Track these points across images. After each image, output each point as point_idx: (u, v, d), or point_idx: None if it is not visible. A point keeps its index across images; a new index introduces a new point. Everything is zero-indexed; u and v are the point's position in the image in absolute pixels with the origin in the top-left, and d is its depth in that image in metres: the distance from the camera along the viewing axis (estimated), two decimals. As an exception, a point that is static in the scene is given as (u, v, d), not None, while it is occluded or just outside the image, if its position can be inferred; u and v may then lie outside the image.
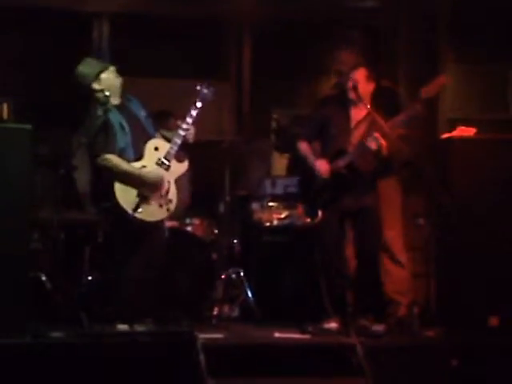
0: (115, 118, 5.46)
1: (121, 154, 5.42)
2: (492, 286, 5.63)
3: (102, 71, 5.51)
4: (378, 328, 5.80)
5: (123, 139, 5.44)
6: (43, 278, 6.11)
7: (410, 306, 6.12)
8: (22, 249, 5.24)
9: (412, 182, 6.47)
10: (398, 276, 6.22)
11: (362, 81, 5.87)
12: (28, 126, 5.29)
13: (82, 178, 6.61)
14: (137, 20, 7.75)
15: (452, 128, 6.11)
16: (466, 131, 5.94)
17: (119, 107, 5.53)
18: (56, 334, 5.27)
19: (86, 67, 5.53)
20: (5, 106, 7.59)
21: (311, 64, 8.35)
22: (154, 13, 7.79)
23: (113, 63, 5.58)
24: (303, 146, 6.06)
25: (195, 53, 8.00)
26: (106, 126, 5.37)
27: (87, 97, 5.49)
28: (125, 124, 5.48)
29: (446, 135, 6.05)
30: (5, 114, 7.50)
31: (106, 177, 5.38)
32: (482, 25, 7.30)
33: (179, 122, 5.53)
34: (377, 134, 5.72)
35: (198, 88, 5.59)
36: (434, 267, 6.01)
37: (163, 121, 6.42)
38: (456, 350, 5.53)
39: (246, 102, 8.24)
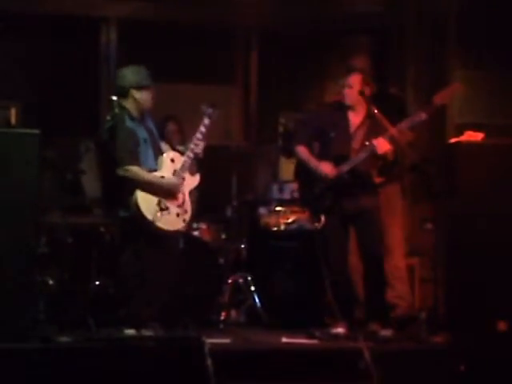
0: (141, 133, 5.58)
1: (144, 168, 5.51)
2: (500, 290, 5.61)
3: (147, 87, 5.58)
4: (386, 333, 5.79)
5: (146, 153, 5.56)
6: (50, 283, 6.11)
7: (417, 311, 6.11)
8: (30, 253, 5.25)
9: (419, 186, 6.45)
10: (396, 281, 6.21)
11: (356, 86, 5.89)
12: (35, 131, 5.30)
13: (90, 183, 6.62)
14: (145, 25, 7.77)
15: (460, 133, 6.10)
16: (473, 136, 5.94)
17: (141, 122, 5.62)
18: (63, 339, 5.28)
19: (135, 74, 5.59)
20: (13, 111, 7.62)
21: (318, 68, 8.35)
22: (162, 18, 7.81)
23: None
24: (302, 150, 6.05)
25: (203, 58, 8.00)
26: (133, 139, 5.49)
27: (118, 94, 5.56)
28: (147, 138, 5.60)
29: (453, 140, 6.04)
30: (13, 119, 7.53)
31: (127, 186, 5.45)
32: (489, 30, 7.28)
33: (194, 137, 5.63)
34: (384, 139, 5.72)
35: (203, 108, 5.70)
36: (441, 272, 6.00)
37: (163, 126, 6.48)
38: (464, 355, 5.51)
39: (253, 107, 8.23)
